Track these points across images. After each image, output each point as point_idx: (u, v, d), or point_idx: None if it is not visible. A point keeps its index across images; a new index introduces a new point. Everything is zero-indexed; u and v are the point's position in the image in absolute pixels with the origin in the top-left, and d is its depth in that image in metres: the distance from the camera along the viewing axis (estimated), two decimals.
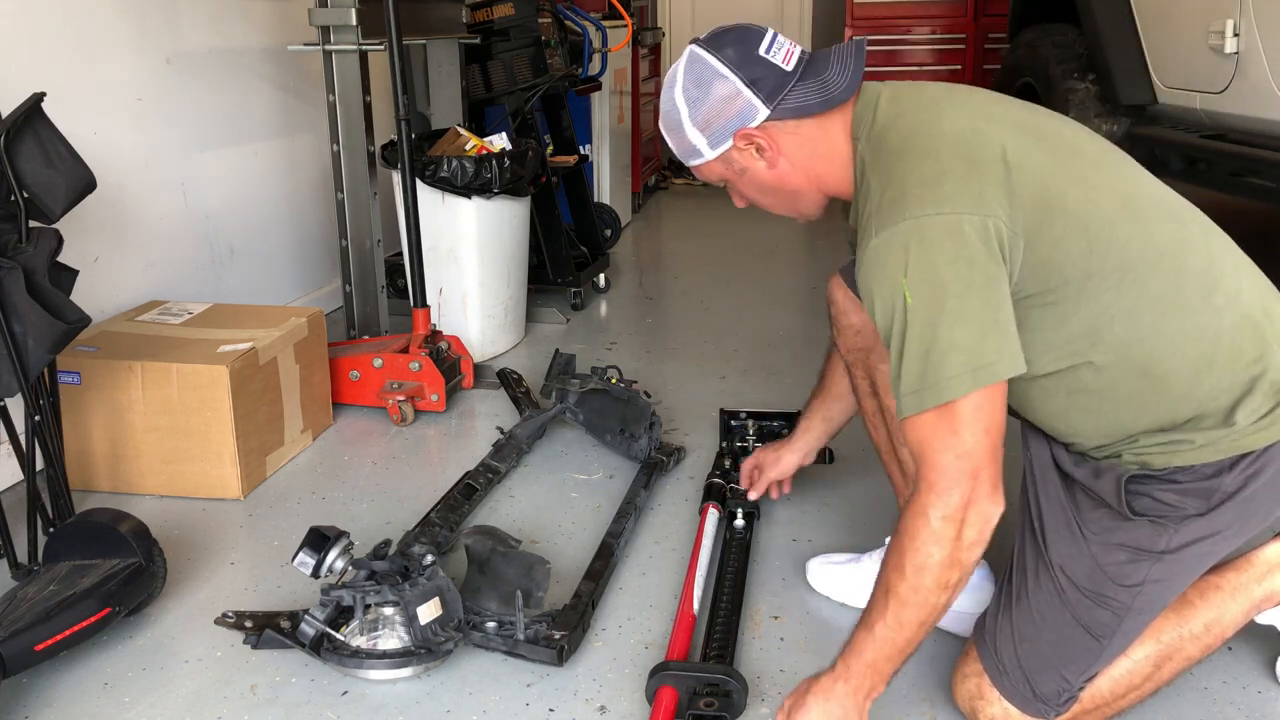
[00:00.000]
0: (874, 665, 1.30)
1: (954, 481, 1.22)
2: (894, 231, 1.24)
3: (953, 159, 1.26)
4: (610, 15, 4.53)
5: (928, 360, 1.21)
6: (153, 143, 2.67)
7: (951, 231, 1.22)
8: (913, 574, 1.24)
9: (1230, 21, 2.94)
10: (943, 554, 1.23)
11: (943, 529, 1.22)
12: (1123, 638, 1.36)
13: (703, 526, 1.92)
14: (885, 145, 1.33)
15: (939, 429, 1.22)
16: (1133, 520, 1.32)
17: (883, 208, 1.27)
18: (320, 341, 2.48)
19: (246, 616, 1.63)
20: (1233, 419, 1.29)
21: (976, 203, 1.23)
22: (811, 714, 1.33)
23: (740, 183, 1.46)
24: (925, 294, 1.21)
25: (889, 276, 1.23)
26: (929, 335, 1.21)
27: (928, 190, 1.25)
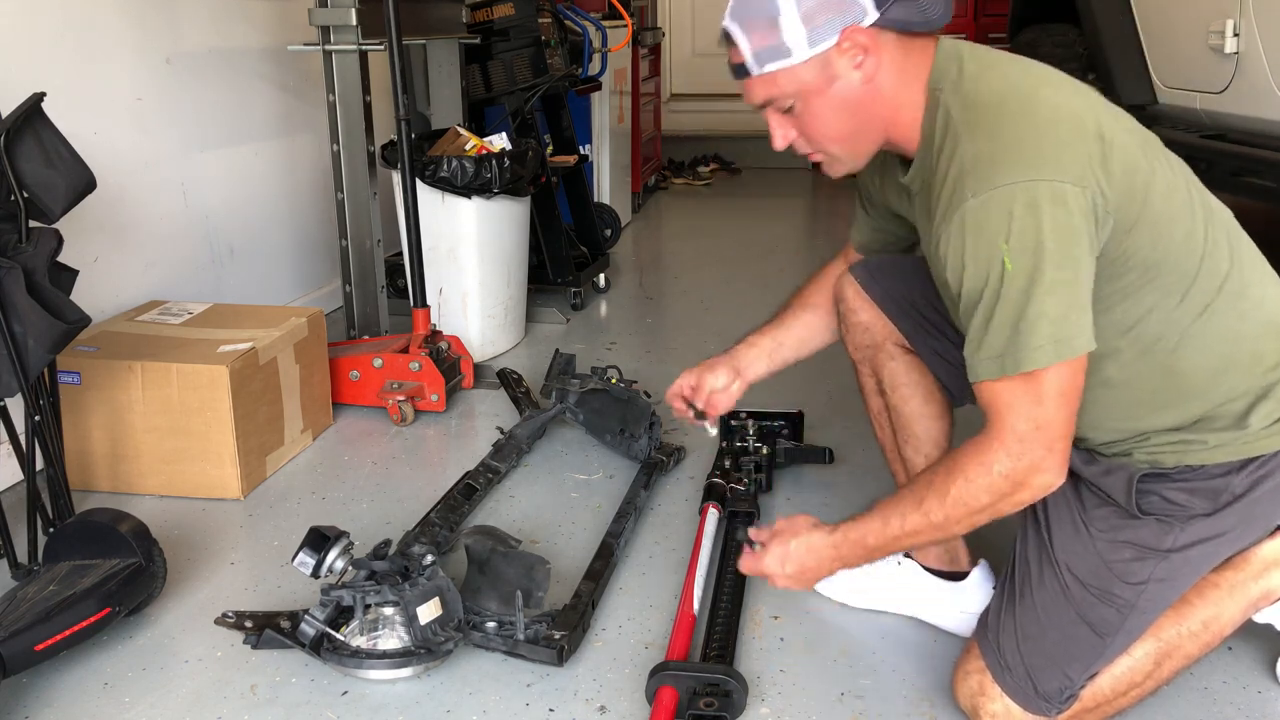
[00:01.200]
0: (867, 550, 1.38)
1: (1029, 448, 1.23)
2: (997, 194, 1.19)
3: (1055, 125, 1.22)
4: (610, 15, 4.52)
5: (1017, 328, 1.19)
6: (153, 143, 2.67)
7: (1057, 199, 1.18)
8: (952, 504, 1.28)
9: (1230, 21, 2.94)
10: (988, 501, 1.26)
11: (1000, 484, 1.24)
12: (1126, 636, 1.36)
13: (703, 526, 1.92)
14: (979, 101, 1.25)
15: (1021, 396, 1.22)
16: (1140, 519, 1.33)
17: (980, 167, 1.21)
18: (320, 341, 2.48)
19: (246, 616, 1.63)
20: (1246, 422, 1.30)
21: (1080, 173, 1.19)
22: (790, 560, 1.44)
23: (818, 99, 1.30)
24: (1025, 261, 1.18)
25: (988, 240, 1.19)
26: (1022, 303, 1.19)
27: (1032, 154, 1.20)
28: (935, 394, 1.65)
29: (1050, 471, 1.24)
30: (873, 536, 1.36)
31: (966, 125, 1.25)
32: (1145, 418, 1.33)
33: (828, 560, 1.42)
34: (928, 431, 1.66)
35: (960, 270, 1.23)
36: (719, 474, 2.12)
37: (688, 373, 1.84)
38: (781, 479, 2.24)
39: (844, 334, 1.73)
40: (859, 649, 1.66)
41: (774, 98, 1.32)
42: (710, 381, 1.79)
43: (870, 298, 1.66)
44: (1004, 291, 1.19)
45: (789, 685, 1.58)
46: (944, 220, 1.25)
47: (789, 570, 1.45)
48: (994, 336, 1.21)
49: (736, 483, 2.10)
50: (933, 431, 1.66)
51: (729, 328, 3.35)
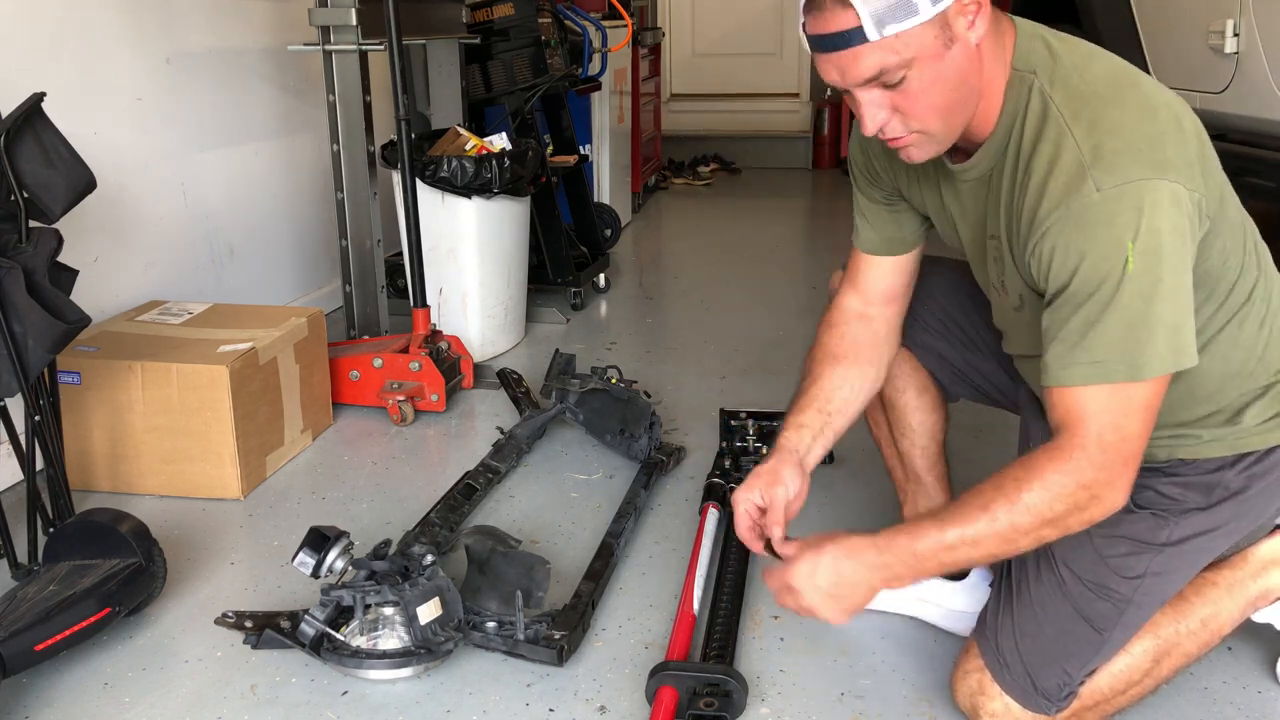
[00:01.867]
0: (918, 556, 1.23)
1: (1110, 459, 1.16)
2: (1128, 189, 1.11)
3: (1169, 122, 1.16)
4: (610, 15, 4.53)
5: (1131, 333, 1.13)
6: (153, 143, 2.67)
7: (1177, 201, 1.12)
8: (1023, 511, 1.18)
9: (1230, 21, 2.94)
10: (1062, 511, 1.17)
11: (1079, 495, 1.17)
12: (1123, 631, 1.36)
13: (703, 526, 1.92)
14: (1089, 91, 1.18)
15: (1111, 405, 1.15)
16: (1135, 513, 1.33)
17: (1105, 160, 1.13)
18: (320, 341, 2.48)
19: (246, 616, 1.63)
20: (1240, 418, 1.31)
21: (1190, 174, 1.15)
22: (821, 567, 1.27)
23: (930, 67, 1.16)
24: (1148, 263, 1.11)
25: (1115, 236, 1.12)
26: (1140, 307, 1.12)
27: (1155, 151, 1.13)
28: (929, 387, 1.66)
29: (1121, 490, 1.18)
30: (926, 542, 1.22)
31: (1077, 116, 1.17)
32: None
33: (869, 569, 1.26)
34: (922, 424, 1.67)
35: (1076, 264, 1.15)
36: (719, 474, 2.12)
37: (744, 495, 1.47)
38: None
39: None
40: (859, 649, 1.66)
41: (887, 68, 1.15)
42: (781, 496, 1.46)
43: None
44: (1121, 292, 1.12)
45: (789, 685, 1.58)
46: (1050, 215, 1.16)
47: (821, 582, 1.27)
48: (1101, 339, 1.14)
49: (736, 483, 2.09)
50: (928, 424, 1.67)
51: (729, 328, 3.37)
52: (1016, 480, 1.19)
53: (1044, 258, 1.18)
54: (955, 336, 1.62)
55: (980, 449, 2.33)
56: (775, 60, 7.04)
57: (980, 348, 1.61)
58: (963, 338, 1.61)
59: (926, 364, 1.64)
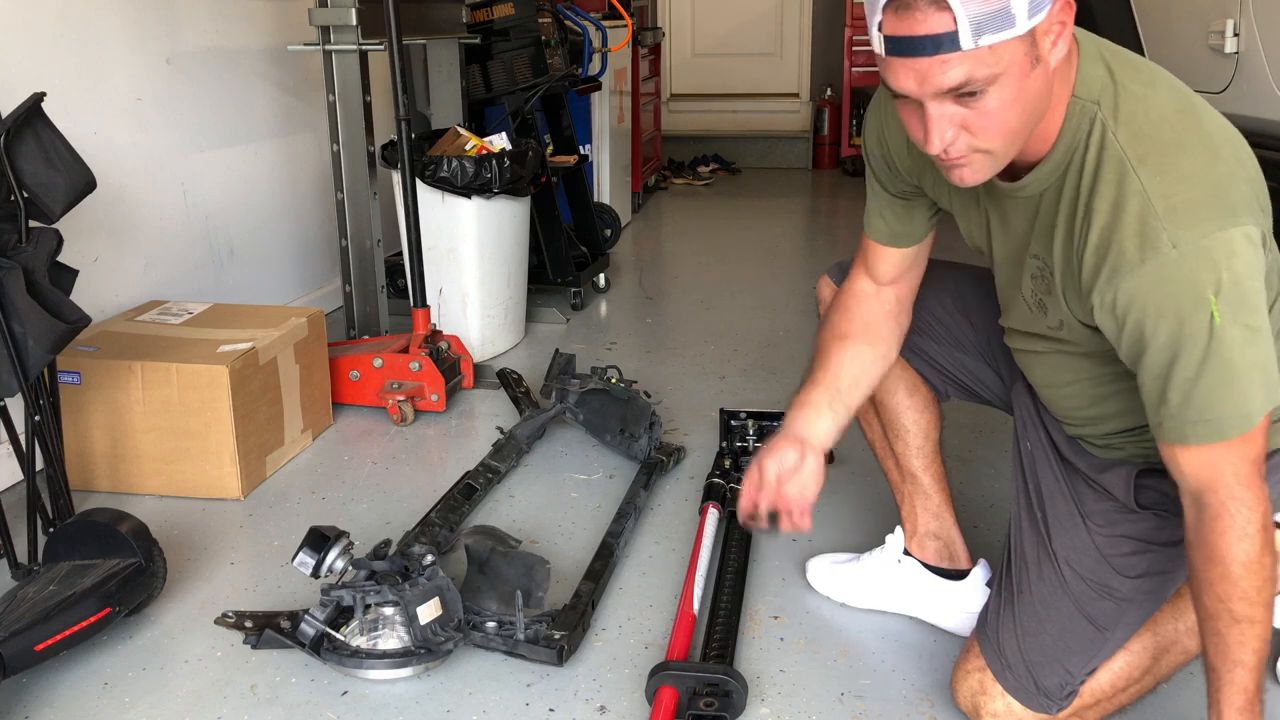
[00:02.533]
0: (1248, 692, 1.17)
1: (1246, 504, 1.14)
2: (1206, 241, 1.09)
3: (1232, 162, 1.14)
4: (610, 15, 4.53)
5: (1233, 386, 1.11)
6: (153, 143, 2.67)
7: (1249, 242, 1.10)
8: (1247, 594, 1.14)
9: (1230, 21, 2.94)
10: (1263, 562, 1.14)
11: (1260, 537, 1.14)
12: (1125, 629, 1.36)
13: (703, 526, 1.92)
14: (1152, 133, 1.14)
15: (1233, 453, 1.13)
16: (1137, 513, 1.33)
17: (1180, 211, 1.10)
18: (320, 341, 2.48)
19: (246, 616, 1.63)
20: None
21: (1255, 210, 1.13)
22: None
23: (1014, 84, 1.09)
24: (1233, 312, 1.09)
25: (1197, 293, 1.09)
26: (1235, 359, 1.10)
27: (1224, 197, 1.11)
28: (919, 387, 1.66)
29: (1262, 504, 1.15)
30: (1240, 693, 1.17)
31: (1144, 161, 1.13)
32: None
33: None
34: (915, 424, 1.67)
35: (1155, 324, 1.12)
36: (719, 474, 2.12)
37: (749, 471, 1.46)
38: None
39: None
40: (859, 649, 1.66)
41: (974, 80, 1.06)
42: (773, 466, 1.42)
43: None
44: (1213, 348, 1.10)
45: (789, 685, 1.58)
46: (1130, 267, 1.12)
47: None
48: (1203, 395, 1.12)
49: (736, 483, 2.10)
50: (920, 424, 1.67)
51: (729, 328, 3.37)
52: (1214, 583, 1.15)
53: (1120, 313, 1.15)
54: (941, 336, 1.62)
55: (980, 448, 2.34)
56: (775, 60, 7.04)
57: (968, 348, 1.61)
58: (948, 337, 1.61)
59: (915, 365, 1.64)
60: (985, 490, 2.16)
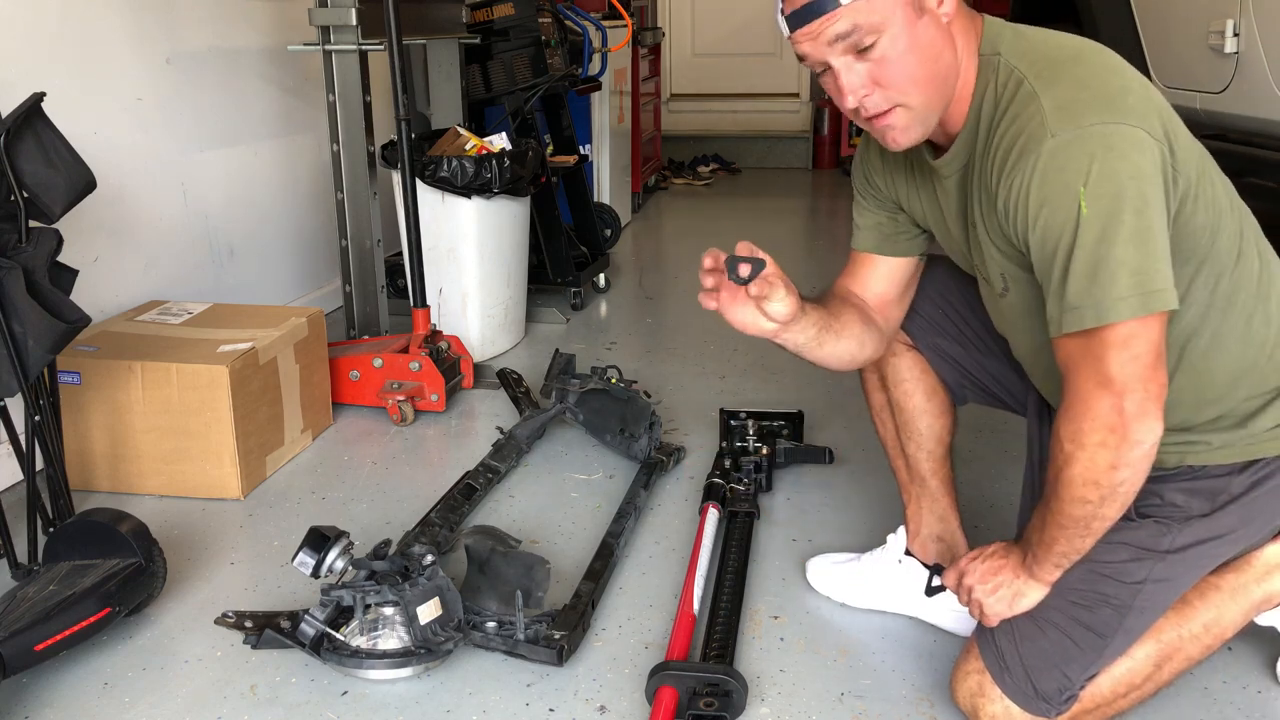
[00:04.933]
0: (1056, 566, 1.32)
1: (1089, 409, 1.17)
2: (1078, 135, 1.14)
3: (1134, 82, 1.18)
4: (610, 15, 4.53)
5: (1096, 278, 1.14)
6: (153, 143, 2.67)
7: (1139, 146, 1.13)
8: (1054, 483, 1.23)
9: (1230, 21, 2.94)
10: (1075, 473, 1.20)
11: (1074, 451, 1.19)
12: (1125, 636, 1.36)
13: (703, 526, 1.92)
14: (1053, 56, 1.22)
15: (1085, 353, 1.17)
16: (1136, 521, 1.33)
17: (1064, 109, 1.15)
18: (320, 341, 2.48)
19: (246, 616, 1.63)
20: (1250, 424, 1.31)
21: (1154, 126, 1.15)
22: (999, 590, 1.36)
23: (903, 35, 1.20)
24: (1104, 205, 1.12)
25: (1066, 183, 1.14)
26: (1101, 251, 1.13)
27: (1115, 99, 1.15)
28: (938, 391, 1.65)
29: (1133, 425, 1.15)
30: (1052, 559, 1.31)
31: (1041, 77, 1.20)
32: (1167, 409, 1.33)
33: (1027, 591, 1.36)
34: (930, 428, 1.66)
35: (1034, 217, 1.18)
36: (719, 474, 2.12)
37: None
38: (781, 479, 2.24)
39: None
40: (859, 649, 1.66)
41: (859, 28, 1.19)
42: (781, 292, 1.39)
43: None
44: (1080, 237, 1.14)
45: (789, 685, 1.58)
46: (1013, 170, 1.19)
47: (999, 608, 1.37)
48: (1074, 288, 1.15)
49: (736, 483, 2.10)
50: (935, 428, 1.66)
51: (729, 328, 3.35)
52: (1052, 456, 1.23)
53: (1010, 208, 1.21)
54: (967, 338, 1.61)
55: (981, 448, 2.34)
56: (775, 60, 7.04)
57: (992, 350, 1.60)
58: (974, 339, 1.61)
59: (937, 367, 1.63)
60: (985, 490, 2.16)
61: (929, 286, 1.62)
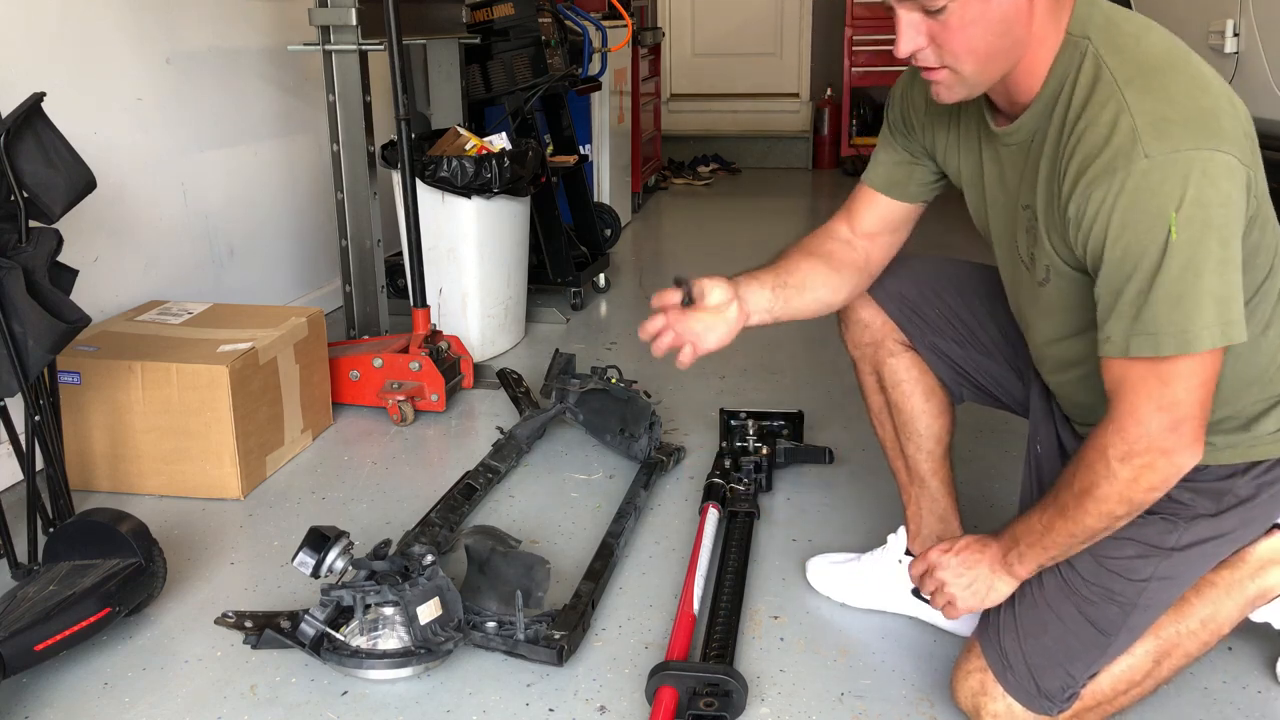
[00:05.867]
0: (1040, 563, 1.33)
1: (1147, 432, 1.17)
2: (1174, 158, 1.10)
3: (1220, 100, 1.15)
4: (610, 15, 4.53)
5: (1180, 305, 1.11)
6: (153, 143, 2.67)
7: (1232, 173, 1.11)
8: (1079, 496, 1.23)
9: (1230, 21, 2.94)
10: (1112, 490, 1.20)
11: (1120, 471, 1.19)
12: (1128, 634, 1.36)
13: (703, 526, 1.92)
14: (1147, 60, 1.17)
15: (1150, 377, 1.15)
16: (1143, 516, 1.33)
17: (1159, 124, 1.12)
18: (320, 341, 2.48)
19: (246, 616, 1.63)
20: (1254, 427, 1.31)
21: (1244, 150, 1.14)
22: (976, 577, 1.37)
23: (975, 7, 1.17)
24: (1194, 234, 1.10)
25: (1159, 205, 1.11)
26: (1187, 280, 1.11)
27: (1212, 122, 1.12)
28: (936, 391, 1.65)
29: (1181, 452, 1.17)
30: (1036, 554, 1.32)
31: (1132, 83, 1.15)
32: None
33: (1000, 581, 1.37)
34: (929, 428, 1.66)
35: (1116, 235, 1.14)
36: (719, 474, 2.12)
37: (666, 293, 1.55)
38: (781, 479, 2.24)
39: (843, 331, 1.72)
40: (859, 649, 1.66)
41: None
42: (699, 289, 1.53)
43: (870, 295, 1.65)
44: (1166, 264, 1.11)
45: (789, 685, 1.58)
46: (1095, 182, 1.15)
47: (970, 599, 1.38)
48: (1153, 312, 1.13)
49: (736, 483, 2.10)
50: (934, 428, 1.66)
51: None
52: (1073, 475, 1.23)
53: (1086, 221, 1.17)
54: (964, 337, 1.61)
55: (981, 449, 2.34)
56: (775, 60, 7.04)
57: (989, 350, 1.60)
58: (971, 339, 1.61)
59: (934, 367, 1.63)
60: (985, 490, 2.15)
61: (926, 286, 1.62)
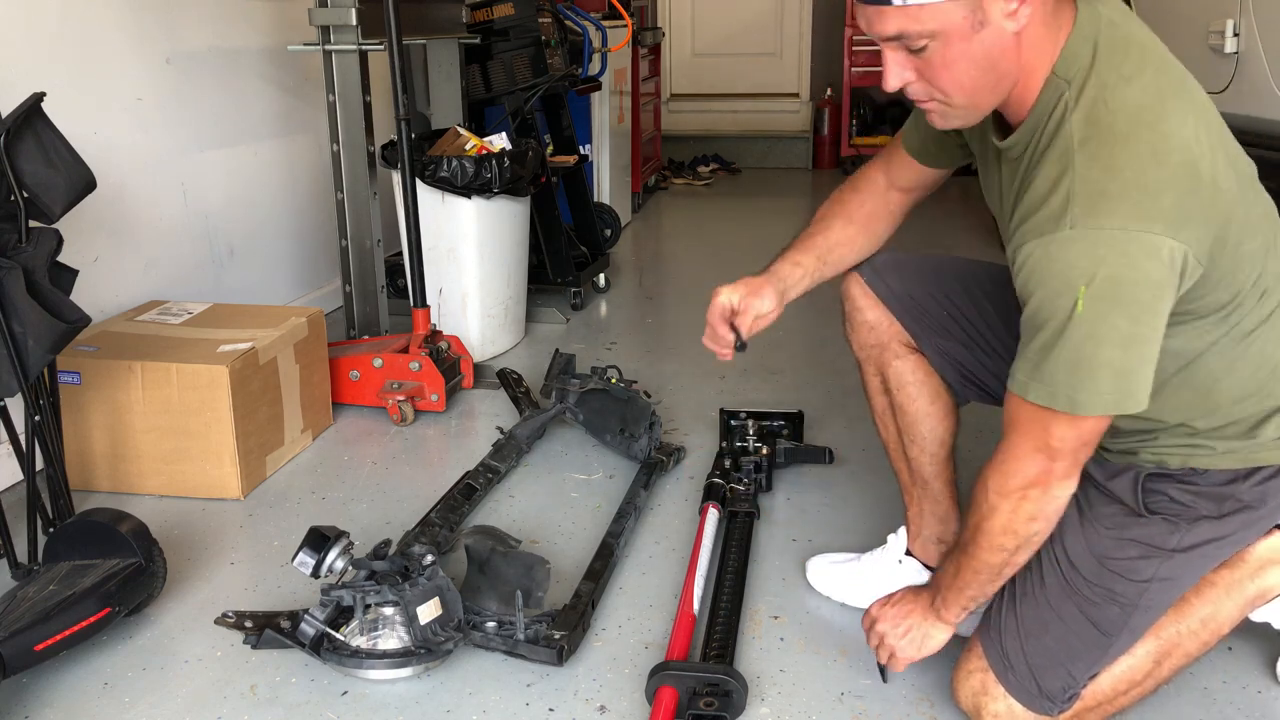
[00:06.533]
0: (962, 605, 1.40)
1: (1023, 466, 1.24)
2: (1097, 235, 1.12)
3: (1177, 170, 1.14)
4: (610, 15, 4.53)
5: (1076, 370, 1.16)
6: (153, 143, 2.67)
7: (1153, 253, 1.12)
8: (972, 530, 1.31)
9: (1230, 21, 2.94)
10: (997, 523, 1.28)
11: (997, 504, 1.27)
12: (1129, 635, 1.36)
13: (703, 526, 1.92)
14: (1105, 124, 1.16)
15: (1037, 421, 1.21)
16: (1146, 517, 1.33)
17: (1089, 199, 1.13)
18: (320, 341, 2.48)
19: (246, 616, 1.63)
20: (1256, 433, 1.31)
21: (1183, 228, 1.14)
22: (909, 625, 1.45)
23: (959, 43, 1.16)
24: (1100, 310, 1.13)
25: (1069, 278, 1.14)
26: (1087, 350, 1.15)
27: (1146, 200, 1.12)
28: (941, 394, 1.65)
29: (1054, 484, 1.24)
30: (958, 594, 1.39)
31: (1085, 145, 1.16)
32: (1163, 420, 1.33)
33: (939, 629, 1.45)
34: (933, 431, 1.66)
35: (1030, 291, 1.19)
36: (719, 474, 2.12)
37: (727, 291, 1.69)
38: (781, 479, 2.24)
39: (849, 333, 1.72)
40: (859, 649, 1.66)
41: (907, 34, 1.17)
42: (756, 307, 1.65)
43: (877, 296, 1.65)
44: (1069, 332, 1.15)
45: (789, 685, 1.58)
46: (1028, 232, 1.18)
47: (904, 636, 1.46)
48: (1051, 369, 1.17)
49: (736, 483, 2.10)
50: (938, 431, 1.66)
51: None
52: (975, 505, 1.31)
53: (1016, 265, 1.21)
54: (969, 338, 1.61)
55: (981, 449, 2.32)
56: (775, 60, 7.03)
57: (995, 350, 1.60)
58: (977, 339, 1.61)
59: (939, 368, 1.63)
60: None
61: (933, 285, 1.62)
